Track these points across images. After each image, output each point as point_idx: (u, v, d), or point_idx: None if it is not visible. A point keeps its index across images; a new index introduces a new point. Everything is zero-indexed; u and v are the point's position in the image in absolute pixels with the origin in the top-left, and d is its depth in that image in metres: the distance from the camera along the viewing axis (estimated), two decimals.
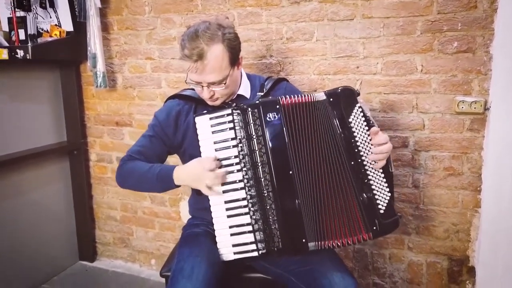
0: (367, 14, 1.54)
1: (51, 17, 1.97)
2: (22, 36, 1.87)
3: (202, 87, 1.19)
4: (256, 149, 1.13)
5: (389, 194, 1.14)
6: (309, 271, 1.12)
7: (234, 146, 1.14)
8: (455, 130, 1.50)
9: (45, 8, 1.94)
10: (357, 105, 1.14)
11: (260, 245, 1.13)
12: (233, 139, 1.14)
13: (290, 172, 1.12)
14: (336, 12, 1.58)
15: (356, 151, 1.12)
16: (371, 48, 1.55)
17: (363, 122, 1.13)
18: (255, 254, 1.14)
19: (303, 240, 1.12)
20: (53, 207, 2.13)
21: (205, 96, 1.21)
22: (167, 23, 1.88)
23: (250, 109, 1.13)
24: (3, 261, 1.88)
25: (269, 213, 1.12)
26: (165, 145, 1.30)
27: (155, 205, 2.11)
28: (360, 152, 1.12)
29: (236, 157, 1.14)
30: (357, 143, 1.13)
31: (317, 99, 1.15)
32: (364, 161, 1.13)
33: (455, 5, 1.42)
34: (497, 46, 1.38)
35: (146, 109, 2.02)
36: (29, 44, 1.80)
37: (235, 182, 1.14)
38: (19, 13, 1.86)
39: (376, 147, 1.11)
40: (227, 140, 1.15)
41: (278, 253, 1.13)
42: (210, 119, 1.16)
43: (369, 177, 1.13)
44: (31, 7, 1.91)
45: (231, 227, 1.15)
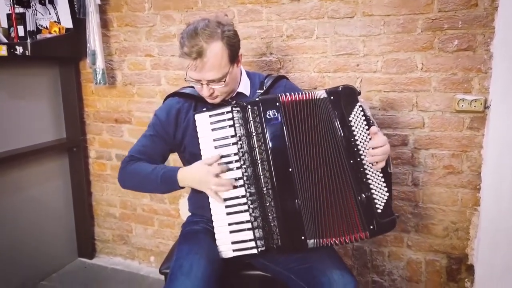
0: (367, 12, 1.53)
1: (50, 14, 1.96)
2: (21, 32, 1.87)
3: (202, 84, 1.18)
4: (256, 146, 1.12)
5: (387, 194, 1.14)
6: (308, 268, 1.12)
7: (234, 143, 1.14)
8: (455, 129, 1.50)
9: (44, 5, 1.93)
10: (357, 104, 1.14)
11: (259, 242, 1.13)
12: (232, 136, 1.14)
13: (290, 170, 1.12)
14: (337, 9, 1.57)
15: (355, 150, 1.12)
16: (371, 46, 1.55)
17: (363, 122, 1.13)
18: (254, 251, 1.14)
19: (302, 238, 1.12)
20: (52, 204, 2.13)
21: (204, 94, 1.21)
22: (167, 20, 1.88)
23: (250, 106, 1.13)
24: (2, 258, 1.88)
25: (269, 210, 1.12)
26: (166, 144, 1.30)
27: (154, 202, 2.11)
28: (360, 151, 1.12)
29: (235, 154, 1.14)
30: (356, 142, 1.12)
31: (317, 97, 1.15)
32: (363, 160, 1.13)
33: (456, 3, 1.42)
34: (497, 45, 1.37)
35: (145, 106, 2.02)
36: (28, 41, 1.79)
37: (234, 179, 1.14)
38: (18, 9, 1.86)
39: (373, 150, 1.11)
40: (226, 138, 1.14)
41: (277, 250, 1.13)
42: (210, 116, 1.17)
43: (367, 176, 1.13)
44: (30, 4, 1.90)
45: (230, 224, 1.15)
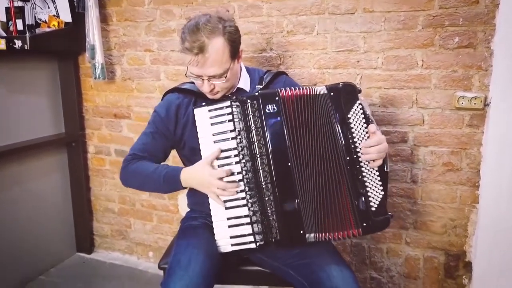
0: (368, 8, 1.53)
1: (49, 8, 1.95)
2: (20, 26, 1.85)
3: (203, 80, 1.18)
4: (255, 140, 1.12)
5: (382, 193, 1.14)
6: (307, 264, 1.12)
7: (233, 138, 1.14)
8: (455, 126, 1.50)
9: None
10: (357, 102, 1.14)
11: (258, 237, 1.13)
12: (232, 131, 1.14)
13: (289, 164, 1.12)
14: (337, 5, 1.57)
15: (352, 147, 1.13)
16: (372, 42, 1.54)
17: (362, 119, 1.13)
18: (253, 246, 1.14)
19: (301, 232, 1.12)
20: (50, 199, 2.13)
21: (205, 90, 1.20)
22: (167, 15, 1.87)
23: (249, 101, 1.13)
24: (0, 253, 1.87)
25: (268, 204, 1.12)
26: (167, 140, 1.30)
27: (153, 198, 2.11)
28: (357, 148, 1.13)
29: (234, 149, 1.14)
30: (354, 139, 1.13)
31: (317, 93, 1.15)
32: (359, 158, 1.13)
33: (457, 0, 1.41)
34: (498, 42, 1.37)
35: (144, 101, 2.01)
36: (27, 35, 1.78)
37: (233, 174, 1.14)
38: (17, 3, 1.84)
39: (370, 148, 1.11)
40: (225, 132, 1.14)
41: (276, 244, 1.13)
42: (209, 111, 1.17)
43: (363, 173, 1.13)
44: None
45: (229, 218, 1.15)
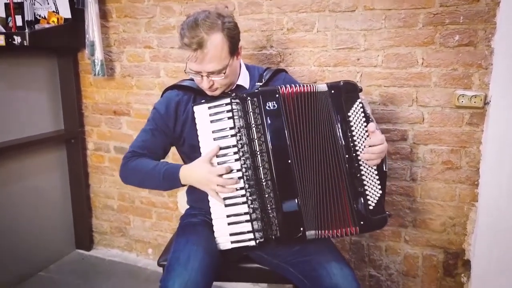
0: (368, 6, 1.52)
1: (48, 4, 1.94)
2: (19, 22, 1.85)
3: (202, 76, 1.18)
4: (255, 138, 1.12)
5: (380, 192, 1.14)
6: (307, 261, 1.12)
7: (233, 135, 1.13)
8: (454, 124, 1.50)
9: None
10: (358, 100, 1.14)
11: (258, 234, 1.13)
12: (231, 128, 1.14)
13: (289, 161, 1.12)
14: (338, 3, 1.56)
15: (352, 145, 1.13)
16: (372, 40, 1.54)
17: (362, 118, 1.13)
18: (252, 243, 1.14)
19: (301, 229, 1.12)
20: (50, 196, 2.12)
21: (204, 86, 1.20)
22: (167, 12, 1.86)
23: (249, 98, 1.13)
24: (0, 249, 1.87)
25: (268, 201, 1.12)
26: (166, 137, 1.30)
27: (152, 195, 2.11)
28: (356, 147, 1.13)
29: (234, 146, 1.13)
30: (353, 137, 1.13)
31: (318, 90, 1.15)
32: (358, 156, 1.13)
33: None
34: (498, 40, 1.37)
35: (144, 98, 2.01)
36: (26, 31, 1.77)
37: (232, 171, 1.13)
38: None
39: (370, 148, 1.11)
40: (225, 129, 1.14)
41: (276, 241, 1.13)
42: (209, 108, 1.16)
43: (362, 172, 1.13)
44: None
45: (228, 216, 1.15)
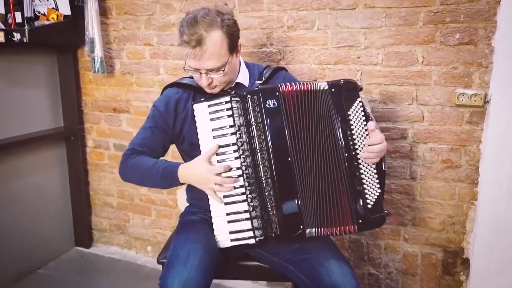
0: (369, 4, 1.52)
1: (48, 0, 1.93)
2: (18, 18, 1.84)
3: (201, 74, 1.17)
4: (255, 136, 1.12)
5: (379, 191, 1.14)
6: (306, 259, 1.12)
7: (233, 133, 1.13)
8: (454, 123, 1.50)
9: None
10: (358, 99, 1.14)
11: (258, 232, 1.13)
12: (231, 126, 1.13)
13: (289, 159, 1.11)
14: (338, 1, 1.56)
15: (351, 144, 1.13)
16: (372, 38, 1.54)
17: (362, 117, 1.13)
18: (252, 241, 1.14)
19: (301, 226, 1.12)
20: (49, 193, 2.12)
21: (203, 84, 1.20)
22: (167, 9, 1.86)
23: (249, 96, 1.13)
24: None
25: (267, 199, 1.12)
26: (166, 135, 1.30)
27: (152, 192, 2.11)
28: (355, 145, 1.13)
29: (234, 144, 1.13)
30: (353, 136, 1.13)
31: (318, 88, 1.15)
32: (358, 154, 1.13)
33: None
34: (499, 39, 1.37)
35: (144, 95, 2.00)
36: (26, 27, 1.76)
37: (231, 169, 1.13)
38: None
39: (370, 147, 1.11)
40: (225, 127, 1.14)
41: (276, 239, 1.13)
42: (209, 106, 1.16)
43: (361, 171, 1.13)
44: None
45: (228, 214, 1.15)
